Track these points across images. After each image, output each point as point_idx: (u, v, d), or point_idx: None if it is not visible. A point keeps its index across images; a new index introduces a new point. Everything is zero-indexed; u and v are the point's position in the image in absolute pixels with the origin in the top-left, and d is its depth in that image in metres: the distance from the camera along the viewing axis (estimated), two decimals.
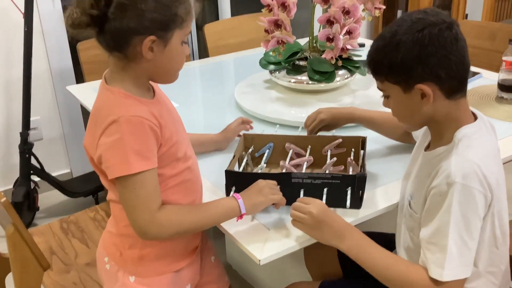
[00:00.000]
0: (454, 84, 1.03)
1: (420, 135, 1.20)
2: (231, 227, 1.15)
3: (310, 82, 1.82)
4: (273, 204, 1.16)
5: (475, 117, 1.09)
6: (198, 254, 1.27)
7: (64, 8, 2.53)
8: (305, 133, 1.45)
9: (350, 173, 1.28)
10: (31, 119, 2.40)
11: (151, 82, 1.13)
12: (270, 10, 1.75)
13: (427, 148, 1.12)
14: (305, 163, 1.31)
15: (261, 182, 1.15)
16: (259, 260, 1.06)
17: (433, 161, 1.06)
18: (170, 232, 1.06)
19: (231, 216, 1.12)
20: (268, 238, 1.12)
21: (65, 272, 1.52)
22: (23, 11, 2.25)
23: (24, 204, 2.40)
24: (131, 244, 1.15)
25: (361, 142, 1.35)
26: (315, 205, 1.08)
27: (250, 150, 1.39)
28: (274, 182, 1.17)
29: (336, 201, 1.18)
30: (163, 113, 1.08)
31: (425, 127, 1.16)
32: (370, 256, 1.05)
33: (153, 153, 1.03)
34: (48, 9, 2.49)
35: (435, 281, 0.99)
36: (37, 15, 2.43)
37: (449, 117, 1.06)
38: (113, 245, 1.19)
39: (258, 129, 1.58)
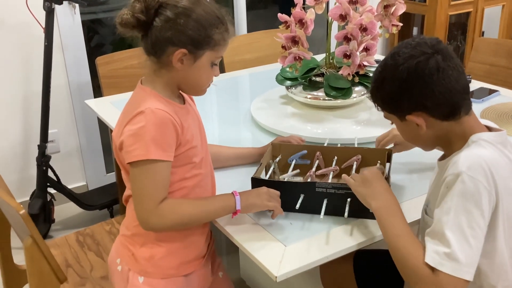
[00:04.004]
0: (445, 110, 1.05)
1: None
2: (247, 242, 1.16)
3: (327, 98, 1.82)
4: (271, 212, 1.21)
5: (490, 130, 1.09)
6: (208, 265, 1.30)
7: (83, 23, 2.58)
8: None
9: None
10: (48, 132, 2.43)
11: (185, 96, 1.23)
12: (288, 27, 1.76)
13: (441, 158, 1.14)
14: (331, 173, 1.33)
15: (263, 188, 1.21)
16: (276, 277, 1.05)
17: (446, 166, 1.05)
18: (170, 223, 1.12)
19: (227, 211, 1.18)
20: (285, 255, 1.11)
21: (81, 285, 1.53)
22: (43, 26, 2.29)
23: (40, 216, 2.41)
24: (143, 243, 1.20)
25: (387, 155, 1.35)
26: (369, 168, 1.18)
27: (277, 159, 1.40)
28: (277, 193, 1.21)
29: (359, 212, 1.18)
30: (188, 119, 1.17)
31: None
32: (390, 222, 1.06)
33: (170, 148, 1.10)
34: (68, 24, 2.53)
35: (430, 267, 0.95)
36: (57, 30, 2.47)
37: (454, 134, 1.07)
38: (125, 247, 1.24)
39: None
